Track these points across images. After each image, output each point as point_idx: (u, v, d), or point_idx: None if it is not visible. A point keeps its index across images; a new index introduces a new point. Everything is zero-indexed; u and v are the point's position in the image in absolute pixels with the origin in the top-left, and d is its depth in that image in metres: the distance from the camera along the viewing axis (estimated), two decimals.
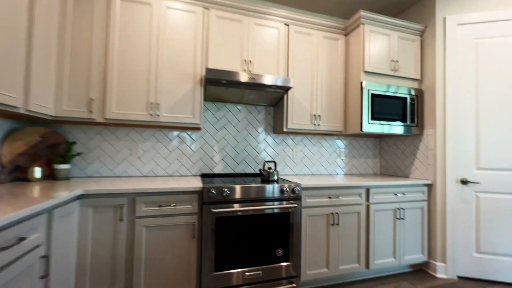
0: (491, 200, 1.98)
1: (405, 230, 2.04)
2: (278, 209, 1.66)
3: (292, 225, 1.70)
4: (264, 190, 1.64)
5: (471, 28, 2.06)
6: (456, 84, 2.07)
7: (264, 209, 1.62)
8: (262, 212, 1.63)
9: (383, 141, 2.70)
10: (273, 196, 1.66)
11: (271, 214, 1.65)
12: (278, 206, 1.63)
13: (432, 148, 2.13)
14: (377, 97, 2.08)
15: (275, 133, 2.36)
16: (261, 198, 1.64)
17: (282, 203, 1.67)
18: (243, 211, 1.58)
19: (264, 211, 1.64)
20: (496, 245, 1.96)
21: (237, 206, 1.58)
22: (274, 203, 1.66)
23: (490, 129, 1.99)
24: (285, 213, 1.68)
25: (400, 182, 2.01)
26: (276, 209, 1.66)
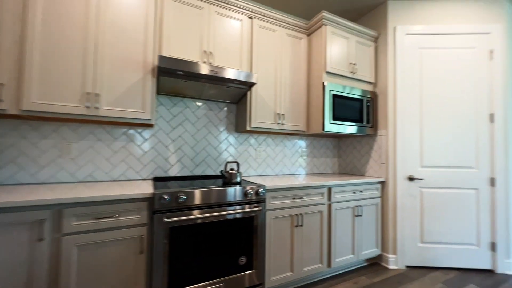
0: (432, 194, 2.19)
1: (362, 226, 2.13)
2: (241, 213, 1.53)
3: (256, 229, 1.59)
4: (226, 193, 1.50)
5: (417, 38, 2.26)
6: (405, 89, 2.25)
7: (226, 215, 1.48)
8: (224, 218, 1.48)
9: (341, 141, 2.80)
10: (236, 199, 1.53)
11: (233, 219, 1.51)
12: (241, 211, 1.50)
13: (385, 147, 2.28)
14: (337, 97, 2.13)
15: (238, 132, 2.23)
16: (222, 202, 1.49)
17: (245, 207, 1.55)
18: (202, 218, 1.40)
19: (226, 217, 1.49)
20: (436, 235, 2.18)
21: (196, 213, 1.40)
22: (237, 207, 1.53)
23: (432, 130, 2.21)
24: (249, 217, 1.56)
25: (358, 181, 2.08)
26: (239, 214, 1.53)
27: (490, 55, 2.19)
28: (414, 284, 1.92)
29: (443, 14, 2.25)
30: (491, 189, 2.16)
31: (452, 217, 2.17)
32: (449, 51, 2.22)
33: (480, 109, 2.18)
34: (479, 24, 2.22)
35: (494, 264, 2.13)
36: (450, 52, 2.22)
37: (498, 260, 2.11)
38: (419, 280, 1.97)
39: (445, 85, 2.22)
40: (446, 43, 2.23)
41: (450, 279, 1.99)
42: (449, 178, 2.18)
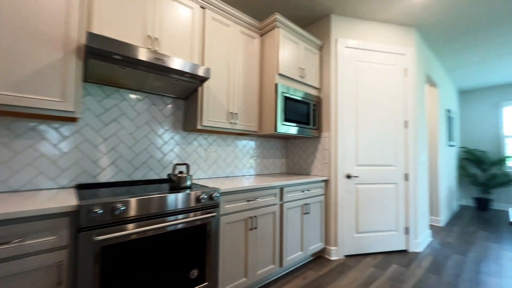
0: (365, 190, 2.50)
1: (309, 223, 2.24)
2: (193, 221, 1.37)
3: (210, 237, 1.45)
4: (175, 200, 1.31)
5: (354, 51, 2.55)
6: (344, 95, 2.50)
7: (176, 224, 1.29)
8: (174, 229, 1.29)
9: (289, 142, 2.91)
10: (187, 206, 1.36)
11: (184, 229, 1.34)
12: (194, 218, 1.34)
13: (328, 148, 2.47)
14: (288, 100, 2.19)
15: (186, 131, 2.03)
16: (171, 210, 1.29)
17: (198, 214, 1.39)
18: (147, 231, 1.18)
19: (176, 227, 1.30)
20: (368, 225, 2.49)
21: (138, 226, 1.17)
22: (189, 214, 1.36)
23: (364, 133, 2.52)
24: (201, 225, 1.41)
25: (307, 180, 2.19)
26: (190, 222, 1.36)
27: (405, 73, 2.66)
28: (352, 271, 2.13)
29: (373, 33, 2.60)
30: (406, 183, 2.61)
31: (379, 209, 2.52)
32: (377, 66, 2.59)
33: (398, 117, 2.62)
34: (398, 46, 2.66)
35: (407, 245, 2.58)
36: (378, 67, 2.59)
37: (410, 241, 2.57)
38: (356, 267, 2.20)
39: (374, 95, 2.57)
40: (375, 59, 2.59)
41: (379, 263, 2.30)
42: (377, 175, 2.53)
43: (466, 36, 2.90)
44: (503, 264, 2.34)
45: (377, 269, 2.17)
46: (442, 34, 2.86)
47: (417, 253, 2.55)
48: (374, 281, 1.98)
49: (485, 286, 1.93)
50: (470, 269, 2.23)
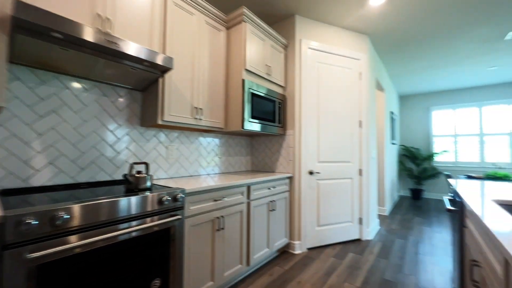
0: (325, 185, 2.64)
1: (275, 220, 2.26)
2: (154, 227, 1.23)
3: (174, 242, 1.33)
4: (132, 203, 1.16)
5: (316, 53, 2.66)
6: (307, 94, 2.59)
7: (134, 231, 1.14)
8: (131, 236, 1.14)
9: (254, 140, 2.90)
10: (147, 210, 1.21)
11: (144, 235, 1.20)
12: (154, 223, 1.20)
13: (292, 146, 2.53)
14: (255, 96, 2.16)
15: (144, 127, 1.83)
16: (127, 216, 1.14)
17: (161, 218, 1.26)
18: (98, 241, 1.01)
19: (134, 234, 1.15)
20: (328, 218, 2.64)
21: (86, 237, 0.99)
22: (149, 219, 1.22)
23: (325, 131, 2.66)
24: (164, 229, 1.28)
25: (273, 177, 2.20)
26: (151, 228, 1.22)
27: (360, 76, 2.89)
28: (315, 262, 2.23)
29: (333, 36, 2.75)
30: (360, 178, 2.85)
31: (337, 202, 2.70)
32: (336, 69, 2.75)
33: (354, 117, 2.83)
34: (354, 51, 2.87)
35: (361, 234, 2.83)
36: (337, 69, 2.76)
37: (363, 231, 2.82)
38: (318, 259, 2.31)
39: (334, 95, 2.73)
40: (335, 61, 2.75)
41: (337, 252, 2.46)
42: (336, 170, 2.70)
43: (409, 48, 3.29)
44: (435, 244, 2.74)
45: (336, 259, 2.32)
46: (390, 44, 3.20)
47: (369, 240, 2.81)
48: (335, 270, 2.10)
49: (423, 264, 2.23)
50: (411, 251, 2.55)
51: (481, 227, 0.89)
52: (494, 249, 0.75)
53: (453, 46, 3.25)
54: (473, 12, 2.46)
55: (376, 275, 2.03)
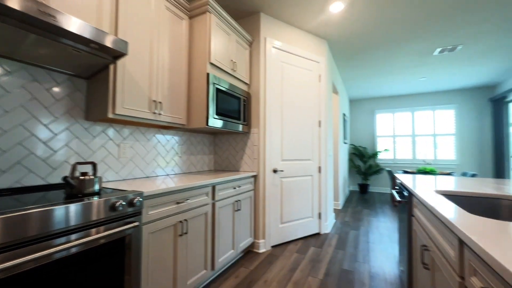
0: (288, 183, 2.70)
1: (240, 220, 2.21)
2: (104, 238, 1.05)
3: (129, 254, 1.16)
4: (75, 212, 0.96)
5: (279, 52, 2.69)
6: (272, 93, 2.60)
7: (77, 246, 0.94)
8: (75, 252, 0.94)
9: (217, 138, 2.79)
10: (96, 218, 1.02)
11: (92, 249, 1.00)
12: (105, 234, 1.02)
13: (257, 144, 2.51)
14: (220, 92, 2.06)
15: (91, 121, 1.57)
16: (68, 229, 0.94)
17: (113, 227, 1.08)
18: (30, 261, 0.80)
19: (77, 250, 0.96)
20: (290, 215, 2.71)
21: (4, 261, 0.77)
22: (98, 229, 1.03)
23: (288, 130, 2.72)
24: (118, 239, 1.10)
25: (238, 176, 2.14)
26: (101, 240, 1.03)
27: (319, 78, 3.04)
28: (279, 259, 2.25)
29: (296, 38, 2.83)
30: (319, 175, 3.00)
31: (299, 199, 2.79)
32: (299, 70, 2.84)
33: (314, 117, 2.97)
34: (315, 54, 3.01)
35: (320, 228, 2.98)
36: (299, 70, 2.85)
37: (322, 225, 2.98)
38: (282, 255, 2.34)
39: (296, 95, 2.81)
40: (297, 62, 2.83)
41: (300, 248, 2.54)
42: (298, 168, 2.79)
43: (360, 56, 3.61)
44: (382, 232, 3.07)
45: (299, 254, 2.38)
46: (344, 50, 3.46)
47: (327, 234, 2.98)
48: (299, 265, 2.15)
49: (374, 252, 2.46)
50: (362, 240, 2.79)
51: (433, 215, 0.99)
52: (446, 232, 0.84)
53: (394, 57, 3.69)
54: (411, 29, 2.82)
55: (336, 266, 2.15)
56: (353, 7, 2.43)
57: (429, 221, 1.07)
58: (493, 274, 0.54)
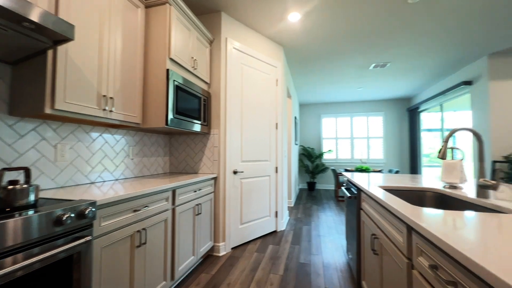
0: (248, 183, 2.74)
1: (201, 224, 2.13)
2: (49, 257, 0.87)
3: (78, 272, 0.99)
4: (5, 232, 0.77)
5: (240, 53, 2.71)
6: (232, 94, 2.59)
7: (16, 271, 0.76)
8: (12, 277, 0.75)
9: (173, 138, 2.62)
10: (36, 236, 0.84)
11: (32, 273, 0.82)
12: (48, 255, 0.85)
13: (217, 145, 2.47)
14: (181, 90, 1.95)
15: (17, 116, 1.27)
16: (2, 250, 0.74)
17: (58, 245, 0.90)
18: None
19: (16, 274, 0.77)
20: (249, 215, 2.74)
21: None
22: (40, 248, 0.84)
23: (248, 132, 2.75)
24: (65, 258, 0.93)
25: (199, 178, 2.06)
26: (46, 260, 0.85)
27: (276, 82, 3.18)
28: (240, 261, 2.26)
29: (256, 42, 2.90)
30: (276, 175, 3.13)
31: (258, 199, 2.86)
32: (258, 73, 2.91)
33: (272, 119, 3.09)
34: (272, 58, 3.13)
35: (276, 226, 3.11)
36: (258, 73, 2.92)
37: (278, 223, 3.11)
38: (243, 256, 2.36)
39: (255, 98, 2.87)
40: (257, 65, 2.89)
41: (259, 247, 2.60)
42: (257, 169, 2.85)
43: (310, 64, 3.92)
44: (330, 226, 3.40)
45: (259, 253, 2.44)
46: (298, 58, 3.70)
47: (283, 231, 3.13)
48: (259, 263, 2.20)
49: (325, 244, 2.70)
50: (314, 234, 3.04)
51: (383, 207, 1.16)
52: (395, 221, 0.99)
53: (339, 68, 4.14)
54: (353, 45, 3.22)
55: (294, 261, 2.28)
56: (308, 18, 2.63)
57: (378, 212, 1.25)
58: (437, 252, 0.67)
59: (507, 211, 0.94)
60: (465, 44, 3.20)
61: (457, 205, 1.28)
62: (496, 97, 3.47)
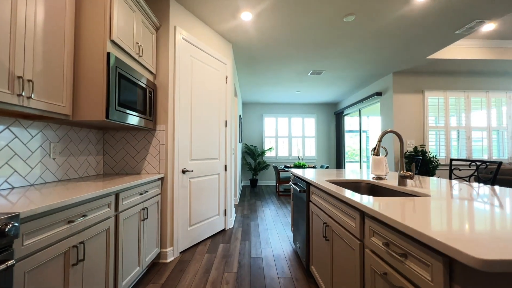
0: (197, 183, 2.62)
1: (147, 230, 1.92)
2: None
3: None
4: None
5: (189, 45, 2.55)
6: (181, 88, 2.42)
7: None
8: None
9: (108, 134, 2.25)
10: None
11: None
12: None
13: (164, 143, 2.26)
14: (124, 79, 1.69)
15: None
16: None
17: None
18: None
19: None
20: (199, 216, 2.63)
21: None
22: None
23: (198, 128, 2.63)
24: None
25: (146, 179, 1.84)
26: None
27: (226, 80, 3.15)
28: (191, 264, 2.15)
29: (207, 36, 2.78)
30: (225, 173, 3.11)
31: (207, 198, 2.77)
32: (208, 68, 2.81)
33: (221, 116, 3.04)
34: (222, 55, 3.08)
35: (225, 224, 3.09)
36: (208, 69, 2.82)
37: (227, 221, 3.10)
38: (193, 259, 2.25)
39: (205, 94, 2.76)
40: (207, 60, 2.79)
41: (210, 247, 2.53)
42: (206, 167, 2.76)
43: (256, 65, 4.05)
44: (275, 219, 3.61)
45: (210, 254, 2.38)
46: (244, 57, 3.76)
47: (232, 228, 3.14)
48: (212, 264, 2.15)
49: (272, 236, 2.86)
50: (262, 228, 3.17)
51: (336, 198, 1.32)
52: (348, 209, 1.15)
53: (281, 72, 4.43)
54: (297, 50, 3.50)
55: (246, 257, 2.32)
56: (259, 19, 2.70)
57: (330, 203, 1.41)
58: (389, 231, 0.82)
59: (422, 195, 1.22)
60: (378, 62, 3.95)
61: (384, 192, 1.58)
62: (398, 106, 4.41)
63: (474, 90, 4.50)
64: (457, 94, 4.49)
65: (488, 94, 4.52)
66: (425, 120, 4.43)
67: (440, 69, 4.29)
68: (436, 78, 4.47)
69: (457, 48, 3.83)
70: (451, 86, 4.49)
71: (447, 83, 4.48)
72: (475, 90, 4.51)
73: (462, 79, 4.49)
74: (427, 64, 4.01)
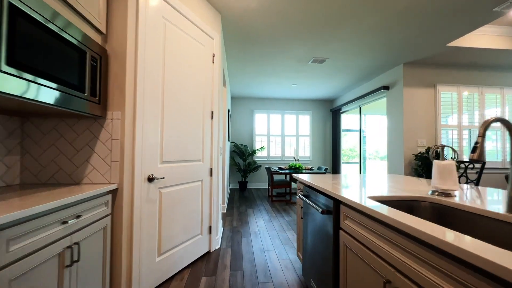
0: (170, 194, 1.90)
1: (78, 279, 1.18)
2: None
3: None
4: None
5: (163, 3, 1.82)
6: (148, 60, 1.69)
7: None
8: None
9: (29, 123, 1.48)
10: None
11: None
12: None
13: (119, 137, 1.53)
14: (29, 22, 0.95)
15: None
16: None
17: None
18: None
19: None
20: (173, 239, 1.92)
21: None
22: None
23: (171, 120, 1.91)
24: None
25: (79, 196, 1.10)
26: None
27: (213, 59, 2.44)
28: None
29: None
30: (210, 179, 2.40)
31: (185, 214, 2.06)
32: (189, 39, 2.09)
33: (206, 106, 2.33)
34: (209, 26, 2.36)
35: (210, 245, 2.39)
36: (190, 40, 2.10)
37: (212, 240, 2.40)
38: None
39: (185, 73, 2.04)
40: (186, 27, 2.07)
41: (187, 283, 1.82)
42: (184, 172, 2.04)
43: (251, 46, 3.36)
44: (272, 234, 2.94)
45: None
46: (236, 36, 3.06)
47: (218, 250, 2.44)
48: None
49: (272, 263, 2.19)
50: (257, 249, 2.49)
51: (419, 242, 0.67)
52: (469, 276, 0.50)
53: (279, 58, 3.77)
54: (300, 30, 2.86)
55: None
56: None
57: (397, 245, 0.76)
58: None
59: None
60: (391, 48, 3.40)
61: (466, 220, 0.97)
62: (408, 102, 3.90)
63: (488, 86, 4.09)
64: (471, 89, 4.05)
65: (502, 91, 4.12)
66: (437, 118, 3.95)
67: (454, 61, 3.82)
68: (449, 71, 4.01)
69: (477, 36, 3.37)
70: (464, 80, 4.05)
71: (460, 77, 4.04)
72: (489, 86, 4.10)
73: (476, 73, 4.06)
74: (441, 53, 3.52)
